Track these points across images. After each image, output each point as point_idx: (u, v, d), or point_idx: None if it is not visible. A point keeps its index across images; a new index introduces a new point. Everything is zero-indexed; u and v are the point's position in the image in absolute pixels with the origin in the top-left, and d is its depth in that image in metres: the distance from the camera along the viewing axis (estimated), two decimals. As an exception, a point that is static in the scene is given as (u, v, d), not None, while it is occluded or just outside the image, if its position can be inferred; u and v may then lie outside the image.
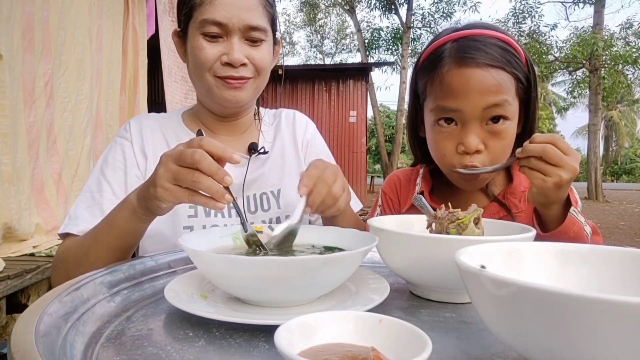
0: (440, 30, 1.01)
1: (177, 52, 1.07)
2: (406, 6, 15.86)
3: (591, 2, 14.37)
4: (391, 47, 18.92)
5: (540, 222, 0.87)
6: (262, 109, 1.21)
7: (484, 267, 0.42)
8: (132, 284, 0.68)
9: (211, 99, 1.02)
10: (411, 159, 1.25)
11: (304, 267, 0.53)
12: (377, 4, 16.72)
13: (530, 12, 15.06)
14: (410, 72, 1.09)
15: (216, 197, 0.68)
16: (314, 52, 28.94)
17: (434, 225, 0.74)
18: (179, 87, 4.14)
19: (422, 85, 0.97)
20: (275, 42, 1.07)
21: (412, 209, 1.02)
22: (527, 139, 0.80)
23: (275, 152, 1.14)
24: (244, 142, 1.11)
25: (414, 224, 0.82)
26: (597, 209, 11.45)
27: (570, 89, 17.28)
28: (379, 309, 0.54)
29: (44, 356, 0.38)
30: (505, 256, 0.53)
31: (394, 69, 19.47)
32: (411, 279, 0.70)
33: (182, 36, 1.03)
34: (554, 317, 0.34)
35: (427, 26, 17.62)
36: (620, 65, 13.19)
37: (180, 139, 1.01)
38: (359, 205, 1.19)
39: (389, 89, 23.27)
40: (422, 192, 1.05)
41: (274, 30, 1.05)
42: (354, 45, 26.19)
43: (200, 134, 0.77)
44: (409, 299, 0.68)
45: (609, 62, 13.34)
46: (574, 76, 16.02)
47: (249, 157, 1.09)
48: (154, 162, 0.76)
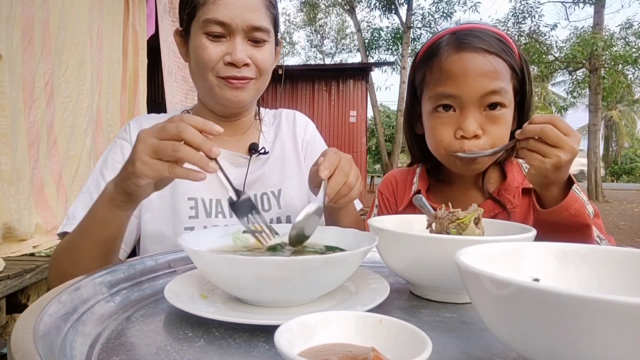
0: (440, 30, 1.02)
1: (178, 51, 1.07)
2: (406, 6, 15.86)
3: (591, 2, 14.36)
4: (391, 47, 18.92)
5: (540, 203, 0.87)
6: (262, 109, 1.21)
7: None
8: (132, 284, 0.68)
9: (213, 99, 1.02)
10: None
11: (304, 267, 0.53)
12: (377, 4, 16.72)
13: (530, 12, 15.05)
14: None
15: (200, 164, 0.66)
16: (314, 52, 28.95)
17: (434, 225, 0.74)
18: (179, 87, 4.13)
19: (420, 76, 0.99)
20: (277, 42, 1.07)
21: (409, 209, 1.02)
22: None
23: (275, 152, 1.14)
24: (244, 143, 1.11)
25: (414, 224, 0.82)
26: (597, 209, 11.43)
27: (570, 89, 17.27)
28: (379, 309, 0.54)
29: (44, 356, 0.38)
30: (505, 256, 0.53)
31: (394, 69, 19.47)
32: (411, 279, 0.70)
33: (184, 35, 1.03)
34: (554, 317, 0.34)
35: (427, 26, 17.62)
36: (620, 65, 13.19)
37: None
38: (359, 205, 1.19)
39: (389, 89, 23.31)
40: (419, 191, 1.05)
41: (276, 31, 1.05)
42: (354, 45, 26.19)
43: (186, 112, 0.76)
44: (409, 299, 0.68)
45: (609, 62, 13.33)
46: (574, 76, 16.01)
47: (249, 157, 1.09)
48: None
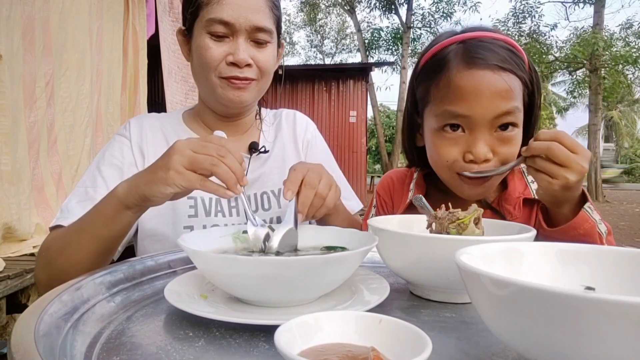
0: (440, 30, 1.00)
1: (180, 50, 1.07)
2: (406, 6, 15.86)
3: (591, 2, 14.36)
4: (391, 47, 18.91)
5: (549, 218, 0.84)
6: (262, 109, 1.21)
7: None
8: (132, 284, 0.68)
9: (214, 99, 1.02)
10: None
11: (304, 267, 0.53)
12: (377, 4, 16.73)
13: (530, 12, 15.06)
14: (410, 72, 1.07)
15: (229, 183, 0.70)
16: (314, 52, 28.95)
17: (434, 225, 0.74)
18: (179, 87, 4.13)
19: (423, 90, 0.91)
20: (279, 44, 1.08)
21: (406, 212, 1.00)
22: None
23: (275, 151, 1.14)
24: (244, 142, 1.12)
25: (414, 224, 0.82)
26: (597, 209, 11.43)
27: (570, 89, 17.28)
28: (379, 309, 0.54)
29: (44, 356, 0.38)
30: (505, 256, 0.53)
31: (394, 69, 19.47)
32: (411, 279, 0.70)
33: (186, 35, 1.03)
34: (554, 317, 0.34)
35: (427, 26, 17.62)
36: (620, 65, 13.19)
37: (180, 139, 1.02)
38: (359, 205, 1.19)
39: (389, 89, 23.26)
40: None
41: (279, 33, 1.06)
42: (354, 45, 26.19)
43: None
44: (409, 299, 0.68)
45: (609, 62, 13.33)
46: (574, 76, 16.02)
47: (249, 156, 1.09)
48: (152, 161, 0.76)
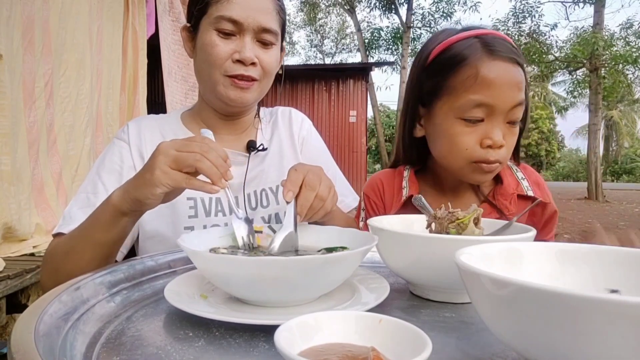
0: (439, 30, 1.01)
1: (180, 50, 1.09)
2: (406, 6, 15.87)
3: (591, 2, 14.36)
4: (391, 46, 18.93)
5: None
6: (261, 109, 1.21)
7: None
8: (132, 284, 0.68)
9: (216, 97, 1.02)
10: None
11: (304, 267, 0.53)
12: (377, 4, 16.73)
13: (530, 12, 15.05)
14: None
15: (214, 179, 0.71)
16: (314, 51, 28.96)
17: (433, 225, 0.74)
18: (179, 87, 4.13)
19: (436, 82, 0.93)
20: (281, 48, 1.09)
21: (400, 212, 1.00)
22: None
23: (273, 149, 1.15)
24: (242, 141, 1.12)
25: (414, 224, 0.82)
26: (597, 209, 11.45)
27: (570, 89, 17.26)
28: (379, 309, 0.54)
29: (44, 356, 0.38)
30: (505, 256, 0.53)
31: (394, 69, 19.48)
32: (411, 279, 0.70)
33: (191, 31, 1.04)
34: (554, 317, 0.34)
35: (427, 26, 17.63)
36: (620, 65, 13.18)
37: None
38: (356, 201, 1.19)
39: (389, 88, 23.30)
40: (411, 196, 1.00)
41: (283, 36, 1.07)
42: (354, 45, 26.20)
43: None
44: (409, 299, 0.68)
45: (609, 61, 13.33)
46: (574, 76, 16.01)
47: (248, 155, 1.09)
48: None
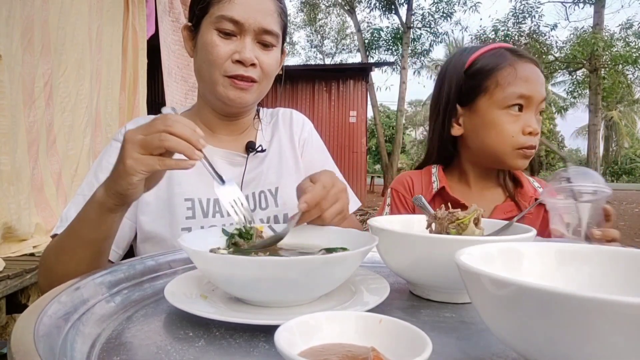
0: (440, 30, 1.13)
1: (184, 46, 1.08)
2: (406, 6, 15.86)
3: (591, 2, 14.37)
4: (391, 47, 18.90)
5: None
6: (260, 109, 1.21)
7: None
8: (132, 284, 0.68)
9: (215, 97, 1.02)
10: (411, 159, 1.28)
11: (304, 267, 0.53)
12: (377, 4, 16.72)
13: (530, 12, 15.05)
14: (410, 73, 1.18)
15: (187, 153, 0.68)
16: (314, 52, 28.95)
17: (433, 225, 0.74)
18: (179, 87, 4.13)
19: (478, 81, 1.11)
20: (282, 51, 1.08)
21: (431, 203, 1.10)
22: None
23: (272, 150, 1.14)
24: (241, 142, 1.12)
25: (414, 224, 0.82)
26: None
27: (570, 89, 17.27)
28: (379, 309, 0.54)
29: (44, 356, 0.38)
30: (505, 256, 0.53)
31: (394, 69, 19.48)
32: (411, 279, 0.70)
33: (192, 30, 1.04)
34: (554, 317, 0.34)
35: (427, 26, 17.61)
36: (620, 65, 13.19)
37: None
38: (357, 205, 1.19)
39: (389, 89, 23.25)
40: (442, 188, 1.15)
41: (284, 39, 1.07)
42: (354, 45, 26.19)
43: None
44: (409, 299, 0.68)
45: (609, 62, 13.33)
46: (574, 76, 16.02)
47: (246, 156, 1.09)
48: None
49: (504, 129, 1.08)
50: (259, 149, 1.11)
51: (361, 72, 10.96)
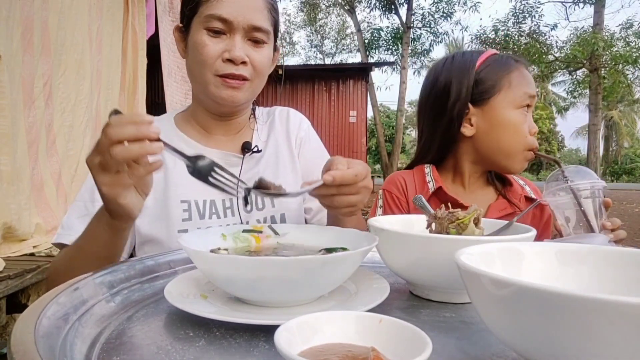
0: (440, 30, 1.13)
1: (177, 47, 1.07)
2: (406, 6, 15.85)
3: (591, 2, 14.37)
4: (391, 47, 18.90)
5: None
6: (257, 109, 1.20)
7: None
8: (132, 284, 0.68)
9: (208, 96, 1.02)
10: (411, 159, 1.27)
11: (304, 267, 0.53)
12: (377, 4, 16.72)
13: (530, 12, 15.06)
14: (410, 73, 1.19)
15: (142, 153, 0.65)
16: (314, 52, 28.96)
17: (433, 225, 0.74)
18: (179, 87, 4.13)
19: (493, 81, 1.13)
20: (275, 48, 1.08)
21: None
22: None
23: (269, 150, 1.13)
24: (237, 142, 1.11)
25: (414, 224, 0.82)
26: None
27: (570, 89, 17.28)
28: (379, 309, 0.54)
29: (44, 356, 0.38)
30: (505, 256, 0.53)
31: (394, 69, 19.47)
32: (411, 279, 0.70)
33: (183, 31, 1.03)
34: (554, 317, 0.34)
35: (427, 26, 17.62)
36: (620, 65, 13.19)
37: (172, 143, 1.01)
38: None
39: (389, 89, 23.28)
40: (439, 188, 1.14)
41: (276, 36, 1.06)
42: (354, 45, 26.20)
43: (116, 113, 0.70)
44: (409, 299, 0.68)
45: (609, 62, 13.33)
46: (574, 76, 16.03)
47: (242, 156, 1.09)
48: None
49: (520, 129, 1.10)
50: (255, 150, 1.10)
51: (361, 72, 10.97)
